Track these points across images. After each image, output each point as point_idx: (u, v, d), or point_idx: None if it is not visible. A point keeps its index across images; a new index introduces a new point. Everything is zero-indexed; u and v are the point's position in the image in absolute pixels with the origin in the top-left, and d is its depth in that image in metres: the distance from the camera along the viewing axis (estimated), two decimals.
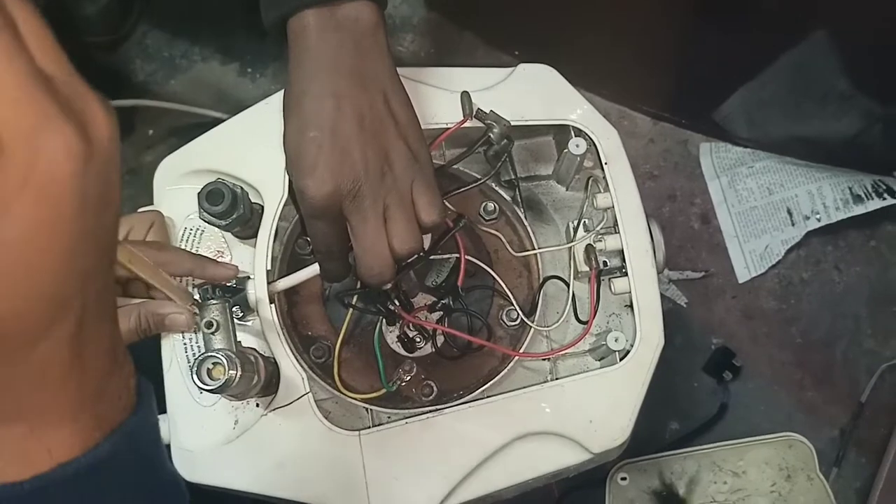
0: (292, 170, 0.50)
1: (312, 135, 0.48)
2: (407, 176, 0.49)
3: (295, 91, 0.50)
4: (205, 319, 0.49)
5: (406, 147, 0.49)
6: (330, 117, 0.48)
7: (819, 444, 0.93)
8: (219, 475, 0.54)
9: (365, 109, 0.49)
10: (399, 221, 0.49)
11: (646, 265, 0.58)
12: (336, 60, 0.49)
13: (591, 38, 1.02)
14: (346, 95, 0.49)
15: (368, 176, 0.48)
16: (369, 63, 0.50)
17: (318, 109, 0.48)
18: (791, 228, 1.01)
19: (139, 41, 1.10)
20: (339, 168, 0.48)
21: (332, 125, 0.48)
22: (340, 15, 0.49)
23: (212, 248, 0.59)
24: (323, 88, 0.48)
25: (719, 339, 1.00)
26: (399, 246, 0.49)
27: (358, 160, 0.48)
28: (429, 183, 0.50)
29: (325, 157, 0.48)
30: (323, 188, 0.47)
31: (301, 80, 0.49)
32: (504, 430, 0.55)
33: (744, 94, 1.05)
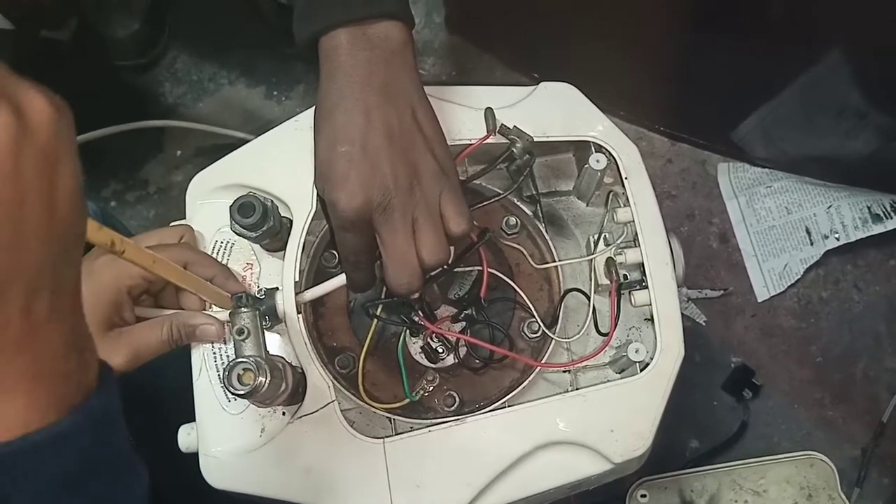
0: (323, 183, 0.51)
1: (344, 149, 0.50)
2: (435, 188, 0.51)
3: (326, 106, 0.51)
4: (236, 326, 0.50)
5: (433, 160, 0.51)
6: (360, 131, 0.50)
7: (840, 463, 0.92)
8: (245, 482, 0.55)
9: (394, 123, 0.51)
10: (428, 233, 0.50)
11: (666, 277, 0.59)
12: (366, 76, 0.51)
13: (609, 60, 1.04)
14: (375, 110, 0.50)
15: (398, 188, 0.49)
16: (398, 79, 0.52)
17: (349, 123, 0.50)
18: (810, 248, 1.01)
19: (169, 65, 1.14)
20: (370, 181, 0.49)
21: (362, 139, 0.50)
22: (371, 33, 0.51)
23: (241, 260, 0.61)
24: (354, 103, 0.50)
25: (738, 358, 1.00)
26: (428, 257, 0.50)
27: (388, 173, 0.49)
28: (456, 194, 0.52)
29: (356, 170, 0.49)
30: (354, 201, 0.49)
31: (332, 95, 0.51)
32: (526, 439, 0.55)
33: (761, 113, 1.06)
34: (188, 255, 0.55)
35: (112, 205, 1.06)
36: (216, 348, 0.58)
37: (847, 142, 1.04)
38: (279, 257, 0.59)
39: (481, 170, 0.61)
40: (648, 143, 1.10)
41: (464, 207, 0.52)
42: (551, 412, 0.56)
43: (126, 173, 1.08)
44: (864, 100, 1.02)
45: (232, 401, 0.56)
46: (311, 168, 0.59)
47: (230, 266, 0.60)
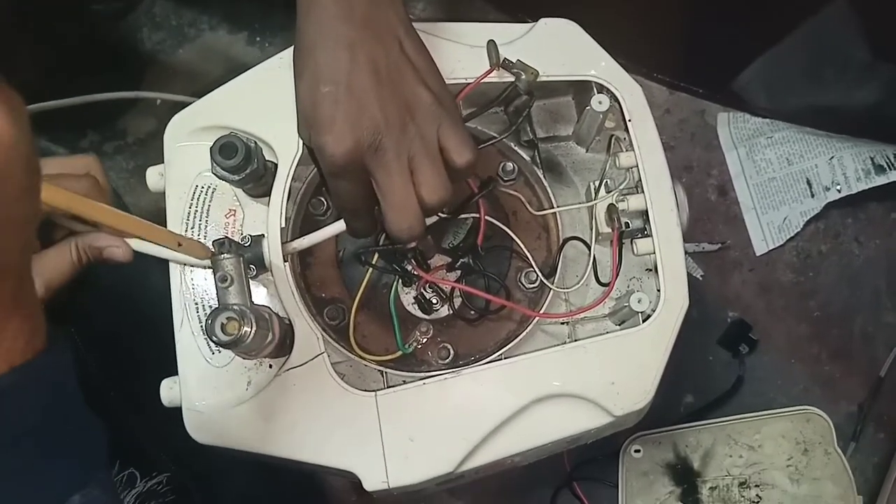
0: (308, 128, 0.48)
1: (327, 89, 0.46)
2: (432, 122, 0.47)
3: (305, 44, 0.48)
4: (219, 273, 0.48)
5: (428, 91, 0.48)
6: (345, 69, 0.46)
7: (836, 418, 0.92)
8: (231, 436, 0.53)
9: (380, 58, 0.47)
10: (427, 170, 0.47)
11: (671, 225, 0.56)
12: (347, 10, 0.47)
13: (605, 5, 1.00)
14: (359, 45, 0.47)
15: (389, 127, 0.46)
16: (381, 11, 0.48)
17: (332, 61, 0.47)
18: (810, 200, 0.99)
19: (147, 10, 1.08)
20: (358, 122, 0.46)
21: (347, 77, 0.46)
22: None
23: (224, 206, 0.58)
24: (335, 39, 0.47)
25: (735, 313, 0.99)
26: (428, 196, 0.47)
27: (377, 112, 0.46)
28: (456, 124, 0.48)
29: (343, 111, 0.46)
30: (343, 144, 0.46)
31: (310, 31, 0.47)
32: (523, 392, 0.53)
33: (762, 62, 1.02)
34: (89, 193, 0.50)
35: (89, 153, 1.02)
36: (199, 298, 0.55)
37: (851, 92, 1.01)
38: (264, 203, 0.56)
39: (477, 109, 0.58)
40: (647, 91, 1.04)
41: (466, 137, 0.48)
42: (550, 364, 0.54)
43: (103, 123, 1.04)
44: (870, 49, 0.98)
45: (216, 353, 0.54)
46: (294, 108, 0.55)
47: (211, 213, 0.57)
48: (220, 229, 0.57)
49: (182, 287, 0.55)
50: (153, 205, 0.58)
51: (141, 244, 0.52)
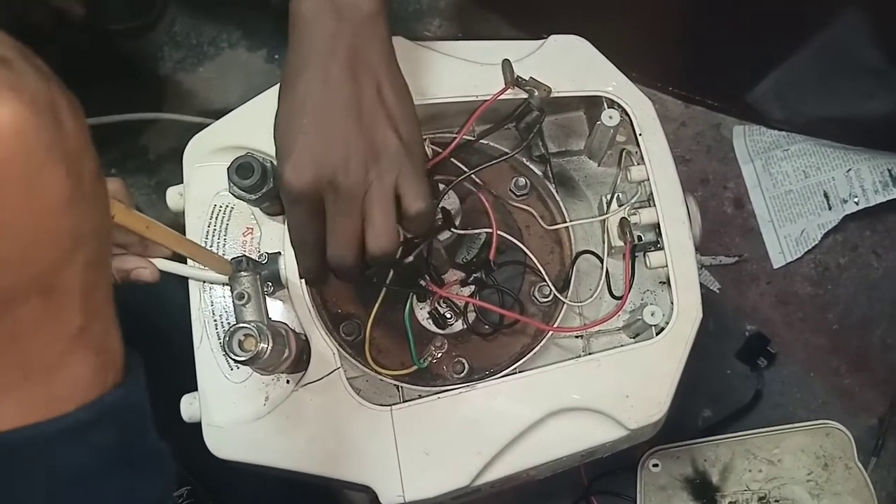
0: (277, 153, 0.49)
1: (298, 120, 0.48)
2: (392, 169, 0.48)
3: (288, 74, 0.49)
4: (236, 291, 0.48)
5: (396, 137, 0.48)
6: (318, 103, 0.47)
7: (856, 431, 0.91)
8: (249, 451, 0.53)
9: (356, 98, 0.48)
10: (376, 217, 0.47)
11: (683, 237, 0.57)
12: (331, 47, 0.48)
13: (619, 19, 1.01)
14: (337, 82, 0.48)
15: (350, 167, 0.47)
16: (365, 50, 0.49)
17: (308, 94, 0.48)
18: (828, 212, 0.98)
19: (167, 29, 1.11)
20: (321, 156, 0.47)
21: (320, 112, 0.47)
22: (340, 1, 0.48)
23: (241, 224, 0.59)
24: (314, 73, 0.48)
25: (753, 326, 0.98)
26: (372, 244, 0.48)
27: (341, 150, 0.47)
28: (416, 173, 0.48)
29: (308, 143, 0.47)
30: (302, 176, 0.46)
31: (295, 63, 0.49)
32: (538, 406, 0.54)
33: (777, 74, 1.02)
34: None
35: (112, 172, 1.04)
36: (217, 315, 0.56)
37: (867, 102, 1.00)
38: (280, 221, 0.57)
39: (491, 126, 0.59)
40: (661, 105, 1.07)
41: (423, 186, 0.49)
42: (564, 378, 0.55)
43: (125, 141, 1.06)
44: (885, 59, 0.98)
45: (234, 369, 0.55)
46: None
47: (229, 231, 0.58)
48: (238, 247, 0.58)
49: (201, 304, 0.56)
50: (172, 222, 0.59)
51: (166, 263, 0.53)
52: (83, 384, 0.31)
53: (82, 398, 0.31)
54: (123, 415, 0.34)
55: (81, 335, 0.30)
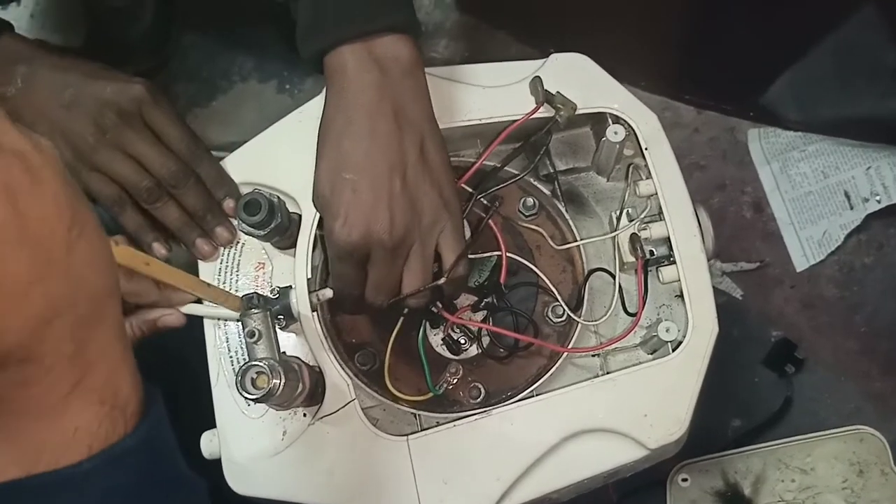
0: (323, 207, 0.51)
1: (348, 177, 0.49)
2: (435, 228, 0.51)
3: (333, 130, 0.50)
4: (247, 329, 0.49)
5: (438, 197, 0.50)
6: (367, 161, 0.49)
7: (892, 435, 0.88)
8: (269, 486, 0.54)
9: (402, 156, 0.49)
10: (415, 273, 0.51)
11: (694, 250, 0.56)
12: (376, 102, 0.49)
13: (627, 28, 1.00)
14: (384, 141, 0.49)
15: (395, 227, 0.49)
16: (409, 106, 0.50)
17: (355, 151, 0.49)
18: (850, 212, 0.96)
19: (179, 65, 1.12)
20: (371, 216, 0.49)
21: (369, 170, 0.49)
22: (378, 53, 0.49)
23: (253, 260, 0.59)
24: (362, 130, 0.49)
25: (779, 332, 0.96)
26: (407, 291, 0.52)
27: (389, 210, 0.49)
28: (456, 233, 0.52)
29: (359, 202, 0.49)
30: (353, 234, 0.49)
31: (339, 119, 0.50)
32: (555, 429, 0.53)
33: (791, 75, 1.01)
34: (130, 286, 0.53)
35: None
36: (233, 352, 0.57)
37: (884, 100, 0.98)
38: (291, 255, 0.57)
39: (514, 150, 0.60)
40: (674, 113, 1.06)
41: (461, 247, 0.52)
42: (581, 399, 0.54)
43: None
44: None
45: (251, 405, 0.55)
46: None
47: (241, 267, 0.59)
48: (251, 282, 0.58)
49: (216, 342, 0.57)
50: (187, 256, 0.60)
51: (190, 307, 0.55)
52: (87, 434, 0.31)
53: (89, 447, 0.31)
54: (138, 457, 0.34)
55: (78, 388, 0.31)
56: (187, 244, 0.58)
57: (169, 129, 0.58)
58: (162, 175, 0.57)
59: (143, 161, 0.57)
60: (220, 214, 0.59)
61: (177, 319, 0.55)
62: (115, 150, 0.57)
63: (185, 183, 0.57)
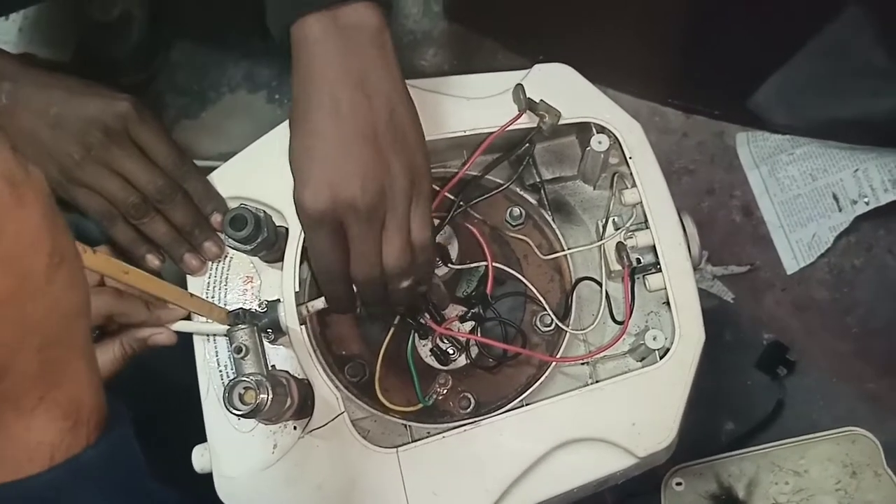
0: (294, 182, 0.50)
1: (314, 148, 0.48)
2: (406, 194, 0.49)
3: (299, 103, 0.49)
4: (234, 344, 0.49)
5: (410, 162, 0.49)
6: (335, 130, 0.48)
7: (886, 437, 0.88)
8: (261, 500, 0.54)
9: (371, 123, 0.49)
10: (394, 240, 0.49)
11: (680, 259, 0.56)
12: (342, 72, 0.48)
13: (614, 35, 1.01)
14: (350, 108, 0.48)
15: (366, 191, 0.47)
16: (375, 73, 0.49)
17: (323, 120, 0.48)
18: (838, 214, 0.97)
19: (168, 78, 1.13)
20: (339, 181, 0.47)
21: (335, 139, 0.48)
22: (343, 21, 0.48)
23: (241, 274, 0.59)
24: (327, 102, 0.48)
25: (770, 334, 0.97)
26: (390, 262, 0.50)
27: (358, 175, 0.47)
28: (426, 202, 0.50)
29: (325, 170, 0.48)
30: (319, 199, 0.47)
31: (305, 91, 0.49)
32: (545, 439, 0.53)
33: (778, 78, 1.02)
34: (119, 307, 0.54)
35: None
36: (222, 367, 0.57)
37: (872, 102, 0.99)
38: (278, 268, 0.58)
39: (496, 159, 0.60)
40: (662, 118, 1.06)
41: (429, 217, 0.51)
42: (570, 409, 0.54)
43: None
44: (887, 57, 0.97)
45: (241, 420, 0.55)
46: None
47: (230, 282, 0.59)
48: (239, 296, 0.58)
49: (206, 356, 0.57)
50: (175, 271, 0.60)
51: (181, 324, 0.55)
52: (48, 447, 0.32)
53: (49, 460, 0.32)
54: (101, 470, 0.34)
55: (42, 403, 0.31)
56: (175, 259, 0.59)
57: (155, 145, 0.58)
58: (148, 191, 0.57)
59: (129, 178, 0.57)
60: (207, 229, 0.59)
61: (167, 338, 0.55)
62: (101, 167, 0.57)
63: (173, 198, 0.58)
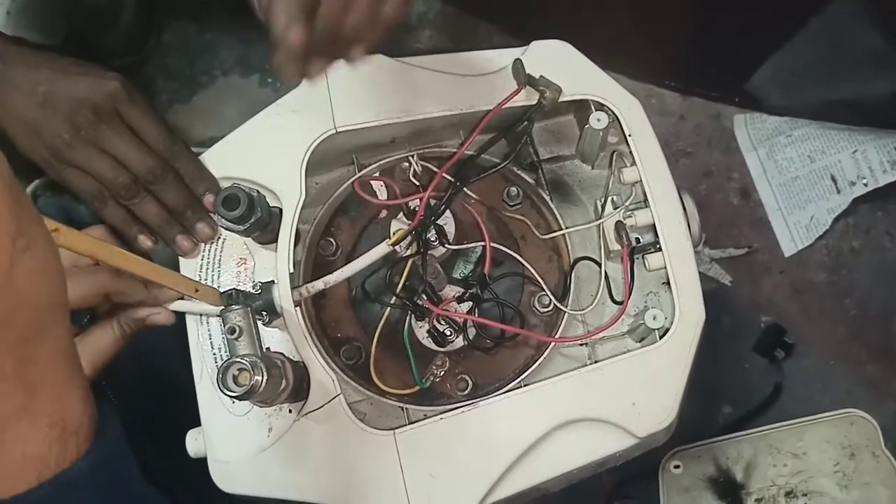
0: None
1: None
2: None
3: None
4: (227, 325, 0.48)
5: None
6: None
7: (884, 419, 0.88)
8: (256, 484, 0.53)
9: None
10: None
11: (680, 238, 0.56)
12: None
13: (611, 15, 1.00)
14: None
15: None
16: None
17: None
18: (836, 196, 0.96)
19: (159, 61, 1.11)
20: None
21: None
22: None
23: (234, 255, 0.58)
24: None
25: (769, 317, 0.96)
26: None
27: None
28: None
29: None
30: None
31: None
32: (543, 420, 0.53)
33: (776, 60, 1.01)
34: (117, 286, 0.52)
35: None
36: (216, 349, 0.56)
37: (869, 83, 0.98)
38: (273, 249, 0.57)
39: (491, 138, 0.58)
40: (659, 100, 1.05)
41: None
42: (569, 389, 0.54)
43: None
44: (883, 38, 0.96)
45: (235, 402, 0.54)
46: (297, 153, 0.56)
47: (223, 263, 0.58)
48: (233, 278, 0.57)
49: (199, 339, 0.56)
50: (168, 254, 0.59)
51: (180, 304, 0.54)
52: (36, 460, 0.30)
53: (38, 474, 0.30)
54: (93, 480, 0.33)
55: (23, 411, 0.29)
56: (167, 241, 0.58)
57: (145, 125, 0.57)
58: (139, 171, 0.56)
59: (119, 158, 0.56)
60: (200, 210, 0.58)
61: (166, 318, 0.54)
62: (91, 148, 0.56)
63: (164, 179, 0.57)
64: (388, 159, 0.62)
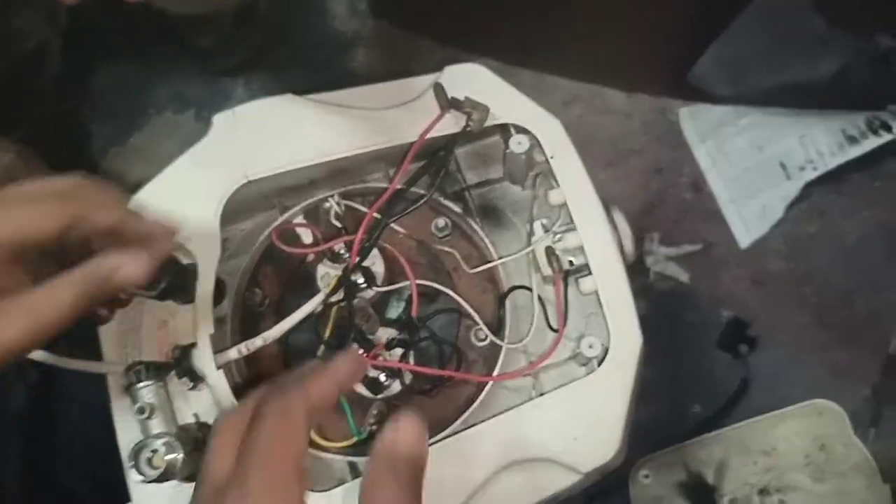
0: None
1: None
2: None
3: None
4: (137, 405, 0.46)
5: None
6: None
7: (853, 405, 0.87)
8: None
9: None
10: None
11: (610, 259, 0.54)
12: None
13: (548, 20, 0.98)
14: None
15: None
16: None
17: None
18: (787, 183, 0.95)
19: (94, 106, 1.08)
20: None
21: None
22: None
23: (156, 318, 0.56)
24: None
25: (730, 312, 0.95)
26: None
27: None
28: None
29: None
30: None
31: None
32: (485, 464, 0.50)
33: (717, 49, 0.99)
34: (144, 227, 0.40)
35: None
36: None
37: (811, 66, 0.97)
38: (190, 309, 0.54)
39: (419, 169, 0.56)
40: (603, 100, 1.03)
41: None
42: (510, 429, 0.52)
43: None
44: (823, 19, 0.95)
45: None
46: (209, 208, 0.54)
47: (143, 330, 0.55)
48: (153, 344, 0.55)
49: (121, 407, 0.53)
50: None
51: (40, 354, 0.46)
52: None
53: None
54: None
55: None
56: None
57: None
58: None
59: None
60: None
61: (136, 269, 0.38)
62: None
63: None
64: (310, 200, 0.60)
